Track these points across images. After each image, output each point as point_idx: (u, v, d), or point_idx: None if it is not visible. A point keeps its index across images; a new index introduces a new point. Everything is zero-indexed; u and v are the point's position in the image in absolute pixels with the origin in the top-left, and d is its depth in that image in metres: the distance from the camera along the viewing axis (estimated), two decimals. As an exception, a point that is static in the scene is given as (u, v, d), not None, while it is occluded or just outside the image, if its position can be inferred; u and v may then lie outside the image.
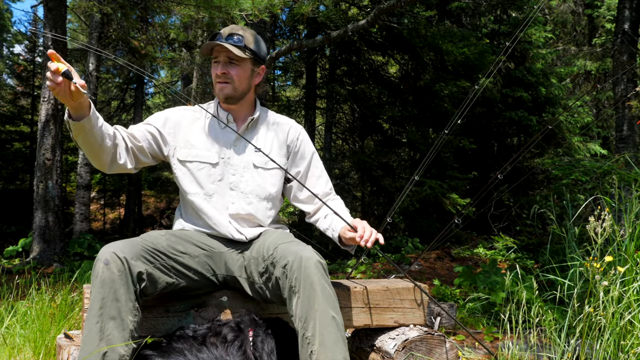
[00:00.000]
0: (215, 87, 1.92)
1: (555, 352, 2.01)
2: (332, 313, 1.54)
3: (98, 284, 1.53)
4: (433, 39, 8.36)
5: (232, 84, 1.89)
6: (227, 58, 1.88)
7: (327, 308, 1.54)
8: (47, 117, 6.70)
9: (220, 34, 1.89)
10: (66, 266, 6.25)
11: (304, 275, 1.56)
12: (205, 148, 1.91)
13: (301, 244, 1.70)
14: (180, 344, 1.61)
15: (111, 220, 15.55)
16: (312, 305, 1.54)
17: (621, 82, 6.06)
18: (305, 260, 1.58)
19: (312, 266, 1.57)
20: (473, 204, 2.94)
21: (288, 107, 10.47)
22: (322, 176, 2.06)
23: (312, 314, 1.53)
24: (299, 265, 1.58)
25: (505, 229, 7.72)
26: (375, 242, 1.77)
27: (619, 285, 1.96)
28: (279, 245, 1.70)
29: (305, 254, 1.60)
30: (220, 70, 1.88)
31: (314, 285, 1.55)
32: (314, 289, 1.54)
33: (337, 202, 2.05)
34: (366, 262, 5.93)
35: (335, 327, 1.53)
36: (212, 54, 1.91)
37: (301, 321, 1.55)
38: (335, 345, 1.51)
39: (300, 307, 1.56)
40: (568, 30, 13.77)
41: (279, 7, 5.46)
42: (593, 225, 1.93)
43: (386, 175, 9.29)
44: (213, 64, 1.92)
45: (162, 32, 8.34)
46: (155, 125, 1.91)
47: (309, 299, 1.54)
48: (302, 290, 1.56)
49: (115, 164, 1.79)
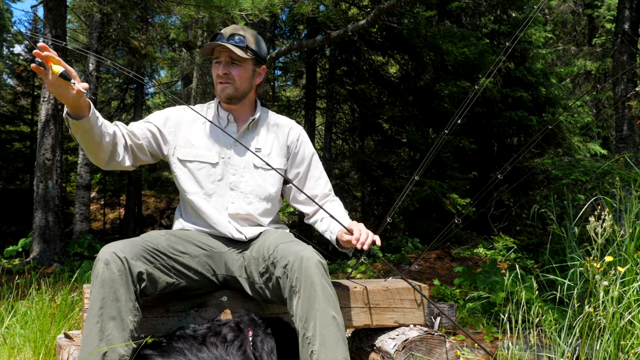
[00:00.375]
0: (216, 87, 1.92)
1: (555, 352, 2.01)
2: (332, 313, 1.54)
3: (98, 283, 1.53)
4: (433, 39, 8.36)
5: (233, 84, 1.89)
6: (229, 58, 1.87)
7: (328, 308, 1.54)
8: (47, 117, 6.70)
9: (221, 34, 1.88)
10: (66, 266, 6.25)
11: (305, 275, 1.56)
12: (205, 148, 1.90)
13: (302, 244, 1.70)
14: (180, 344, 1.61)
15: (111, 220, 15.56)
16: (312, 305, 1.54)
17: (621, 82, 6.06)
18: (306, 260, 1.58)
19: (313, 266, 1.57)
20: (473, 204, 2.94)
21: (288, 107, 10.47)
22: (322, 177, 2.06)
23: (313, 313, 1.53)
24: (300, 265, 1.58)
25: (505, 229, 7.72)
26: (373, 243, 1.77)
27: (619, 285, 1.96)
28: (279, 245, 1.70)
29: (306, 254, 1.60)
30: (222, 70, 1.87)
31: (314, 286, 1.55)
32: (314, 289, 1.54)
33: (336, 204, 2.04)
34: (366, 262, 5.94)
35: (336, 327, 1.53)
36: (213, 54, 1.91)
37: (302, 321, 1.55)
38: (336, 345, 1.51)
39: (300, 307, 1.56)
40: (568, 30, 13.77)
41: (279, 7, 5.46)
42: (593, 225, 1.93)
43: (386, 175, 9.29)
44: (214, 64, 1.91)
45: (162, 32, 8.34)
46: (156, 124, 1.91)
47: (310, 299, 1.54)
48: (302, 290, 1.56)
49: (113, 161, 1.79)
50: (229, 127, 1.95)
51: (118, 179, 14.05)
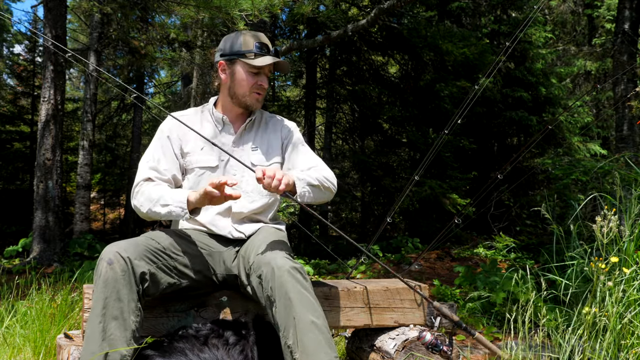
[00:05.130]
0: (249, 96, 1.94)
1: (555, 352, 2.01)
2: (311, 318, 1.52)
3: (101, 283, 1.54)
4: (433, 39, 8.36)
5: (264, 94, 1.97)
6: (269, 72, 1.96)
7: (306, 314, 1.52)
8: (47, 117, 6.69)
9: (266, 45, 1.92)
10: (66, 266, 6.25)
11: (278, 284, 1.55)
12: (204, 152, 1.93)
13: (275, 250, 1.67)
14: (181, 344, 1.61)
15: (111, 220, 15.56)
16: (289, 313, 1.52)
17: (621, 82, 6.06)
18: (277, 269, 1.57)
19: (286, 274, 1.55)
20: (473, 204, 2.94)
21: (288, 107, 10.48)
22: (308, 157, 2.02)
23: (291, 322, 1.51)
24: (272, 275, 1.57)
25: (505, 229, 7.71)
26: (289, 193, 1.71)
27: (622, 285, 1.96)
28: (256, 255, 1.69)
29: (278, 262, 1.59)
30: (266, 83, 1.95)
31: (288, 294, 1.53)
32: (289, 298, 1.53)
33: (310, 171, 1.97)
34: (366, 262, 5.93)
35: (316, 331, 1.51)
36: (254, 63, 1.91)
37: (281, 330, 1.54)
38: (317, 350, 1.48)
39: (278, 316, 1.55)
40: (568, 30, 13.77)
41: (279, 7, 5.46)
42: (599, 224, 1.92)
43: (386, 175, 9.29)
44: (252, 74, 1.92)
45: (162, 32, 8.33)
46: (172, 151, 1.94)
47: (286, 307, 1.53)
48: (277, 300, 1.55)
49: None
50: (226, 129, 1.97)
51: (118, 179, 14.06)
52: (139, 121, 11.41)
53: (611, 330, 1.89)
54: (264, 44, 1.91)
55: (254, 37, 1.92)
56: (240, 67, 1.91)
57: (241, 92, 1.93)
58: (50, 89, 6.70)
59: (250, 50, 1.89)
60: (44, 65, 6.82)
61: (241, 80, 1.92)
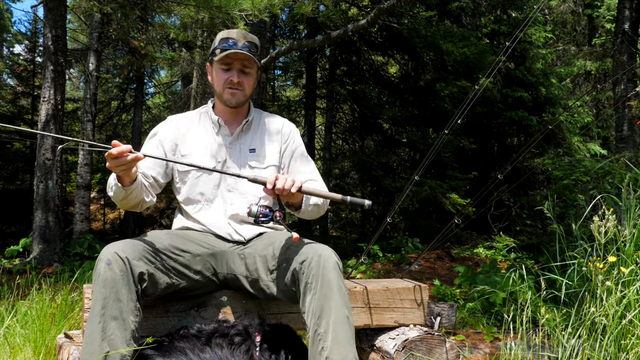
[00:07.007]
0: (223, 93, 1.92)
1: (556, 352, 2.01)
2: (346, 313, 1.57)
3: (100, 284, 1.54)
4: (433, 39, 8.36)
5: (242, 91, 1.92)
6: (242, 66, 1.90)
7: (343, 307, 1.56)
8: (47, 117, 6.69)
9: (234, 39, 1.89)
10: (66, 266, 6.25)
11: (322, 273, 1.57)
12: (200, 155, 1.93)
13: (318, 243, 1.71)
14: (182, 343, 1.61)
15: (111, 220, 15.56)
16: (328, 302, 1.55)
17: (621, 82, 6.06)
18: (324, 258, 1.59)
19: (331, 265, 1.59)
20: (473, 204, 2.94)
21: (288, 107, 10.48)
22: (309, 173, 2.03)
23: (327, 311, 1.55)
24: (318, 263, 1.59)
25: (505, 229, 7.72)
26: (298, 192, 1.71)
27: (621, 286, 1.96)
28: (298, 244, 1.70)
29: (325, 252, 1.62)
30: (237, 78, 1.90)
31: (331, 284, 1.56)
32: (330, 288, 1.56)
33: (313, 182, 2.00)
34: (366, 262, 5.94)
35: (348, 326, 1.56)
36: (224, 59, 1.90)
37: (314, 317, 1.56)
38: (348, 343, 1.53)
39: (315, 304, 1.57)
40: (568, 30, 13.77)
41: (278, 7, 5.46)
42: (597, 224, 1.92)
43: (386, 175, 9.29)
44: (223, 70, 1.91)
45: (162, 32, 8.33)
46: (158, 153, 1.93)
47: (325, 296, 1.56)
48: (318, 288, 1.57)
49: (144, 205, 1.87)
50: (222, 131, 1.97)
51: (118, 179, 14.00)
52: (139, 121, 11.41)
53: (611, 330, 1.89)
54: (230, 38, 1.89)
55: (223, 34, 1.92)
56: (214, 66, 1.94)
57: (218, 90, 1.94)
58: (50, 89, 6.70)
59: (217, 47, 1.90)
60: (44, 65, 6.82)
61: (216, 78, 1.94)
